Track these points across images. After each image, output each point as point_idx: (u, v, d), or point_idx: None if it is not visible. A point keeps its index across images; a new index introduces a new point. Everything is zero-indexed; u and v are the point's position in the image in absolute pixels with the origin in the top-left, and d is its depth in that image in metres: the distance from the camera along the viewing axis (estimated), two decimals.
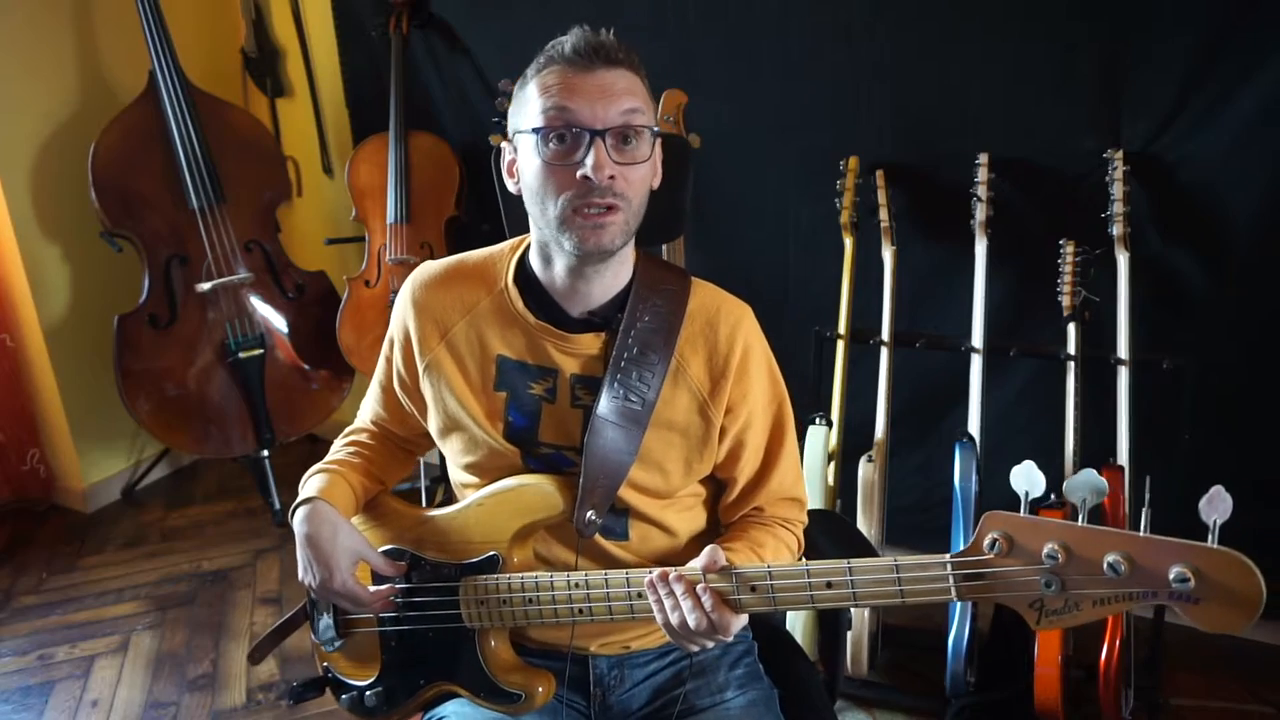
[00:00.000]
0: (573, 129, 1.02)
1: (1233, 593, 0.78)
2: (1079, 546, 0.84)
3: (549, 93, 1.03)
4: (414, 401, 1.24)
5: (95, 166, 2.57)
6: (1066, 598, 0.86)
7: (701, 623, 1.00)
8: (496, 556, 1.15)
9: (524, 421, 1.15)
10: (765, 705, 1.21)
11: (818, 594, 0.98)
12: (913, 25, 2.09)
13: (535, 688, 1.16)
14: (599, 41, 1.04)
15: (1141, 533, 0.83)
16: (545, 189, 1.05)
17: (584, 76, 1.03)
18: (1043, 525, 0.86)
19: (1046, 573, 0.86)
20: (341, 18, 2.87)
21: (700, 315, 1.16)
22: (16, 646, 2.38)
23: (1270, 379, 2.00)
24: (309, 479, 1.23)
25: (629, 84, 1.05)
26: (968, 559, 0.90)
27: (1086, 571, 0.84)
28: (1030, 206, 2.09)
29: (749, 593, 1.01)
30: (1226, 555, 0.79)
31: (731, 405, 1.15)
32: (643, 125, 1.05)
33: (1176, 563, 0.80)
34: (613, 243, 1.06)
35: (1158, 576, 0.81)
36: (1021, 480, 0.94)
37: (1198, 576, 0.79)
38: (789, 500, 1.24)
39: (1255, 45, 1.82)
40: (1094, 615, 0.86)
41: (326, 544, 1.15)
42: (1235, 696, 2.03)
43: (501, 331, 1.16)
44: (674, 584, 1.02)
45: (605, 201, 1.03)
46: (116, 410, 2.74)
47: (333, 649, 1.29)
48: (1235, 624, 0.79)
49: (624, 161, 1.04)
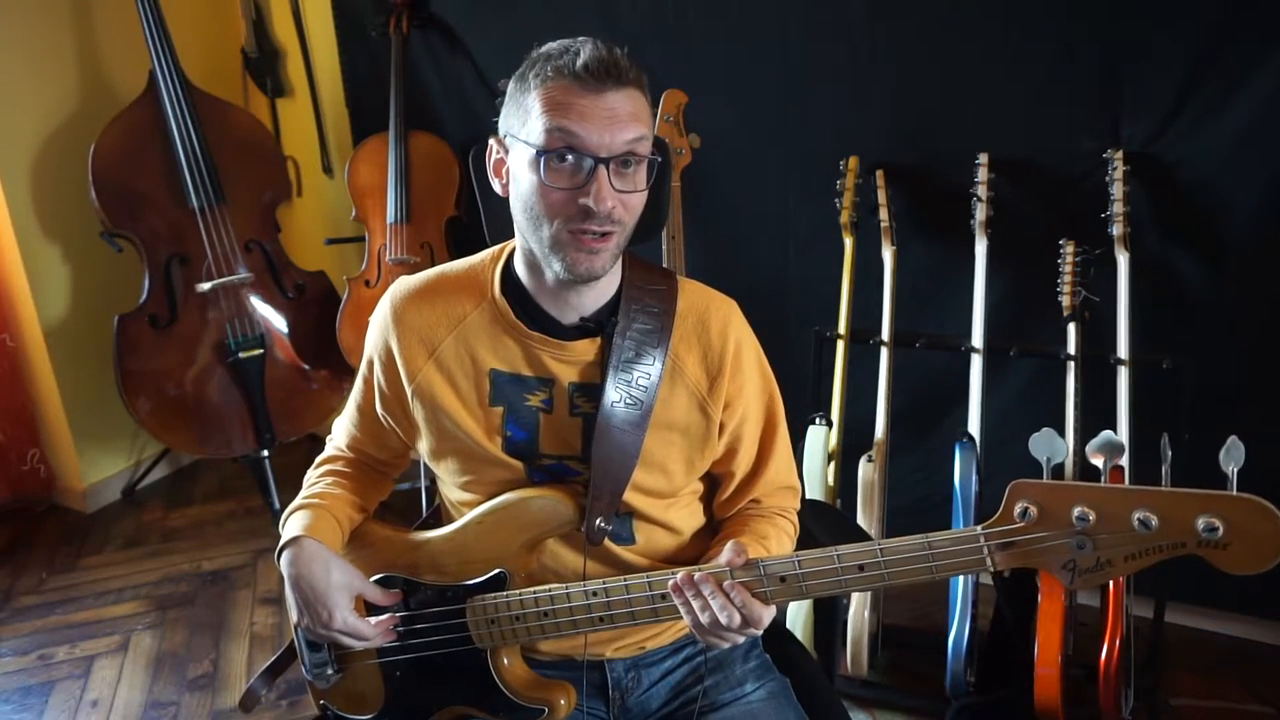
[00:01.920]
0: (576, 154, 0.99)
1: (1257, 535, 0.84)
2: (1107, 506, 0.88)
3: (555, 111, 0.98)
4: (400, 423, 1.20)
5: (95, 166, 2.57)
6: (1099, 556, 0.89)
7: (734, 619, 1.00)
8: (503, 574, 1.13)
9: (523, 435, 1.14)
10: (784, 696, 1.22)
11: (849, 578, 0.98)
12: (913, 25, 2.09)
13: (557, 700, 1.15)
14: (613, 60, 0.99)
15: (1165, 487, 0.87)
16: (540, 209, 1.02)
17: (593, 98, 0.98)
18: (1070, 489, 0.90)
19: (1078, 534, 0.89)
20: (341, 18, 2.87)
21: (691, 313, 1.16)
22: (16, 646, 2.38)
23: (1270, 379, 2.00)
24: (289, 517, 1.18)
25: (636, 108, 1.01)
26: (1000, 529, 0.92)
27: (1116, 529, 0.88)
28: (1030, 206, 2.09)
29: (778, 584, 1.00)
30: (1249, 501, 0.84)
31: (729, 400, 1.15)
32: (646, 154, 1.03)
33: (1202, 513, 0.85)
34: (603, 268, 1.05)
35: (1186, 528, 0.86)
36: (1042, 447, 0.96)
37: (1225, 523, 0.84)
38: (784, 489, 1.25)
39: (1255, 45, 1.82)
40: (1125, 570, 0.90)
41: (320, 583, 1.12)
42: (1235, 696, 2.03)
43: (493, 344, 1.13)
44: (701, 585, 1.01)
45: (602, 229, 1.01)
46: (116, 410, 2.74)
47: (328, 685, 1.24)
48: (1261, 564, 0.84)
49: (624, 189, 1.01)
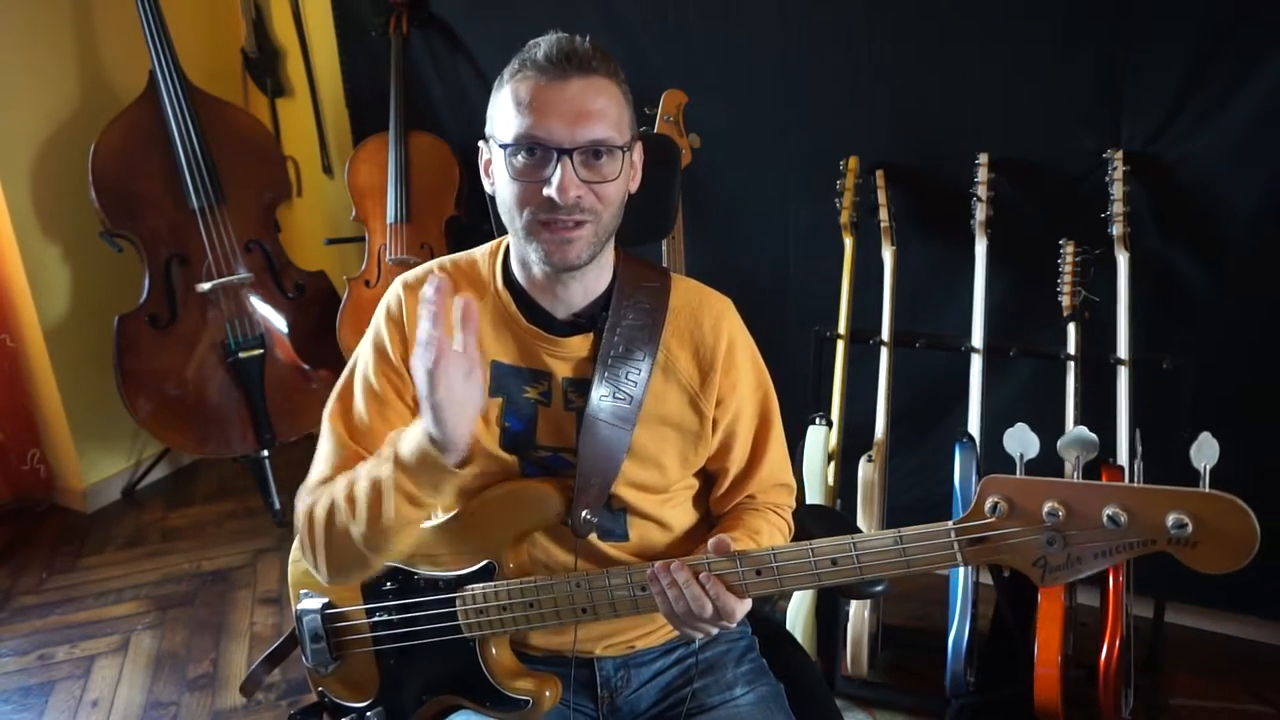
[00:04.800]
0: (540, 146, 1.00)
1: (1228, 534, 0.81)
2: (1077, 502, 0.87)
3: (519, 106, 1.01)
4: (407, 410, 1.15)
5: (95, 166, 2.57)
6: (1069, 553, 0.88)
7: (705, 607, 1.00)
8: (492, 564, 1.14)
9: (520, 425, 1.15)
10: (775, 701, 1.21)
11: (824, 571, 0.98)
12: (913, 25, 2.09)
13: (542, 692, 1.15)
14: (572, 48, 1.00)
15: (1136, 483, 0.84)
16: (513, 201, 1.04)
17: (556, 87, 1.00)
18: (1041, 485, 0.89)
19: (1048, 530, 0.88)
20: (341, 18, 2.87)
21: (684, 310, 1.17)
22: (16, 646, 2.38)
23: (1270, 379, 2.00)
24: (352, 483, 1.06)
25: (602, 96, 1.01)
26: (970, 524, 0.92)
27: (1087, 526, 0.87)
28: (1030, 206, 2.09)
29: (754, 575, 1.01)
30: (1220, 498, 0.81)
31: (721, 397, 1.16)
32: (614, 144, 1.02)
33: (1173, 510, 0.82)
34: (579, 258, 1.05)
35: (1156, 525, 0.83)
36: (1015, 443, 0.95)
37: (1195, 521, 0.81)
38: (779, 486, 1.25)
39: (1255, 45, 1.82)
40: (1096, 567, 0.89)
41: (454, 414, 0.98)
42: (1235, 696, 2.03)
43: (495, 336, 1.15)
44: (676, 572, 1.02)
45: (572, 218, 1.02)
46: (116, 410, 2.74)
47: (327, 672, 1.25)
48: (1232, 563, 0.82)
49: (593, 179, 1.02)
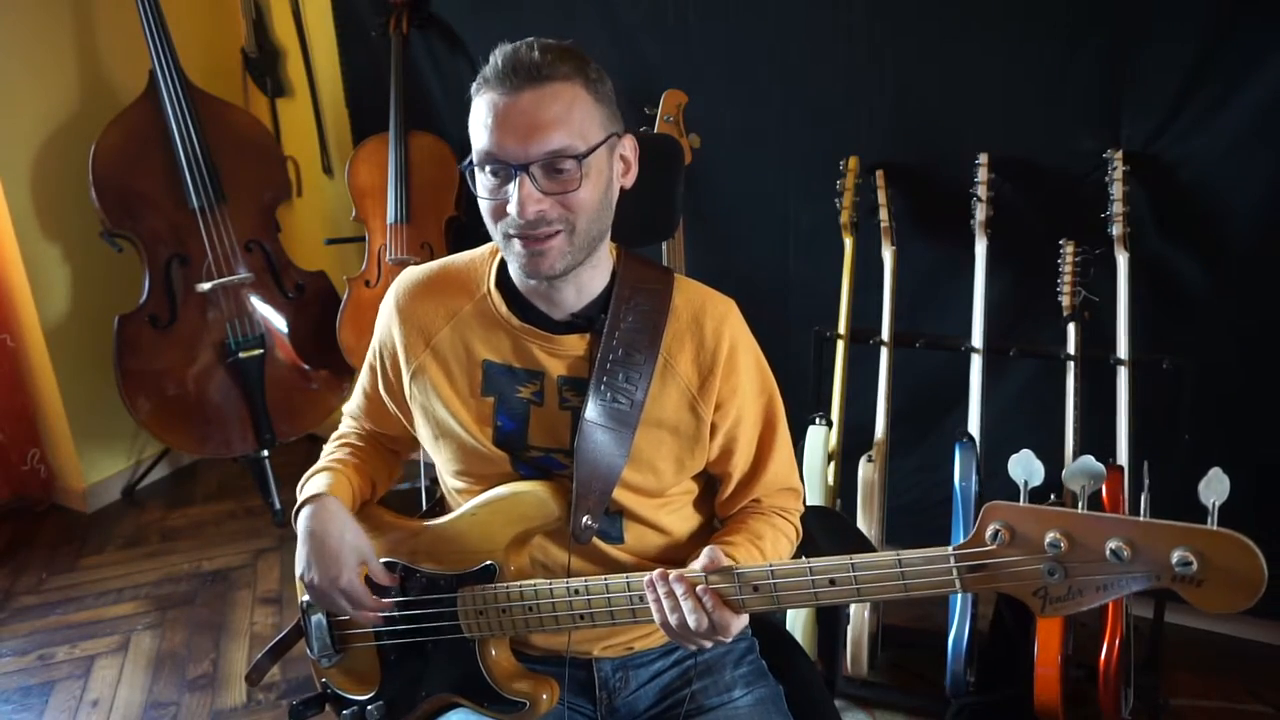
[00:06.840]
0: (497, 163, 1.01)
1: (1234, 574, 0.78)
2: (1081, 534, 0.84)
3: (478, 123, 1.01)
4: (401, 409, 1.24)
5: (95, 166, 2.57)
6: (1070, 585, 0.86)
7: (702, 623, 0.99)
8: (493, 566, 1.14)
9: (512, 425, 1.15)
10: (773, 703, 1.21)
11: (821, 591, 0.97)
12: (913, 25, 2.09)
13: (539, 694, 1.16)
14: (518, 59, 0.99)
15: (1142, 517, 0.83)
16: (487, 215, 1.05)
17: (510, 101, 0.98)
18: (1044, 513, 0.86)
19: (1049, 561, 0.86)
20: (341, 18, 2.87)
21: (685, 312, 1.15)
22: (16, 646, 2.38)
23: (1270, 379, 1.99)
24: (311, 478, 1.23)
25: (556, 103, 0.99)
26: (970, 550, 0.90)
27: (1089, 558, 0.84)
28: (1030, 206, 2.09)
29: (751, 592, 1.00)
30: (1227, 537, 0.79)
31: (721, 401, 1.15)
32: (573, 153, 0.99)
33: (1178, 546, 0.80)
34: (552, 268, 1.05)
35: (1160, 561, 0.81)
36: (1020, 469, 0.94)
37: (1200, 559, 0.79)
38: (785, 490, 1.24)
39: (1255, 45, 1.82)
40: (1097, 600, 0.86)
41: (335, 541, 1.15)
42: (1235, 696, 2.03)
43: (486, 336, 1.15)
44: (674, 584, 1.01)
45: (540, 231, 1.02)
46: (116, 410, 2.74)
47: (330, 664, 1.28)
48: (1237, 604, 0.79)
49: (556, 190, 1.00)
